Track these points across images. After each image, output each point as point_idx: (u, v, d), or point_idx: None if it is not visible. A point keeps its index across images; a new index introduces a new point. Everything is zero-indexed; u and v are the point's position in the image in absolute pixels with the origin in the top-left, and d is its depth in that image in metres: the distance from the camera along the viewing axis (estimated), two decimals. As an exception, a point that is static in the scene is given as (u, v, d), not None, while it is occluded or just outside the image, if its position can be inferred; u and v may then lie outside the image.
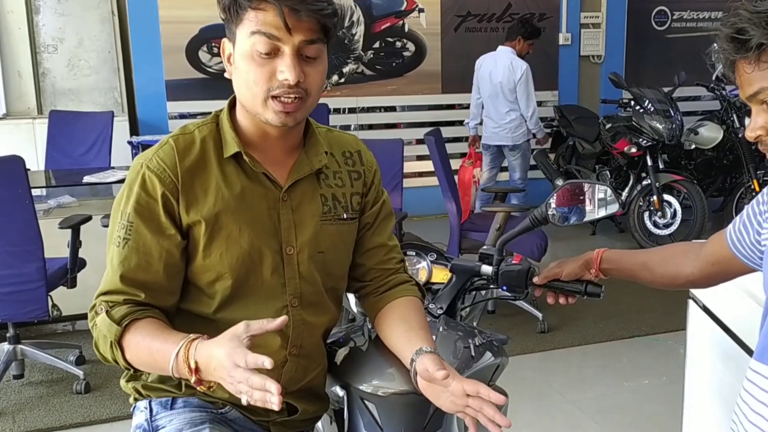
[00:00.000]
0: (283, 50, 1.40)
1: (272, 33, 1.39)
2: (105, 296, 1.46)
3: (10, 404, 3.67)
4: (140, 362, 1.43)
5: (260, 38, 1.39)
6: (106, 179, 4.70)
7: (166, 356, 1.34)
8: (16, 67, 6.34)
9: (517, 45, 5.97)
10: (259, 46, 1.40)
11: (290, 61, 1.40)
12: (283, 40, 1.39)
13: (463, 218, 4.67)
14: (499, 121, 6.09)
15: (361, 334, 1.77)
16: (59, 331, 4.56)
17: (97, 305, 1.46)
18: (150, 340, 1.40)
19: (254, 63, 1.41)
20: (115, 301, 1.45)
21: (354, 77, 7.17)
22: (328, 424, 1.79)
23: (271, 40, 1.39)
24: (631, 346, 4.37)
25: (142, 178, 1.46)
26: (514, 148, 6.13)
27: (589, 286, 1.71)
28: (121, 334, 1.42)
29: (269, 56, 1.40)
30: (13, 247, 3.48)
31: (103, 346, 1.46)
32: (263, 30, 1.39)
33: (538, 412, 3.54)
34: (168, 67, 6.62)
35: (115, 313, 1.43)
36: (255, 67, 1.41)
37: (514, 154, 6.17)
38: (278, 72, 1.40)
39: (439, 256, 1.98)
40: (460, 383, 1.38)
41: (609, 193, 1.76)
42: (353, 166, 1.66)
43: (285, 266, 1.54)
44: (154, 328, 1.42)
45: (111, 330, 1.42)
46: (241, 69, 1.44)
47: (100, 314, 1.45)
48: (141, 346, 1.41)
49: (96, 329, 1.46)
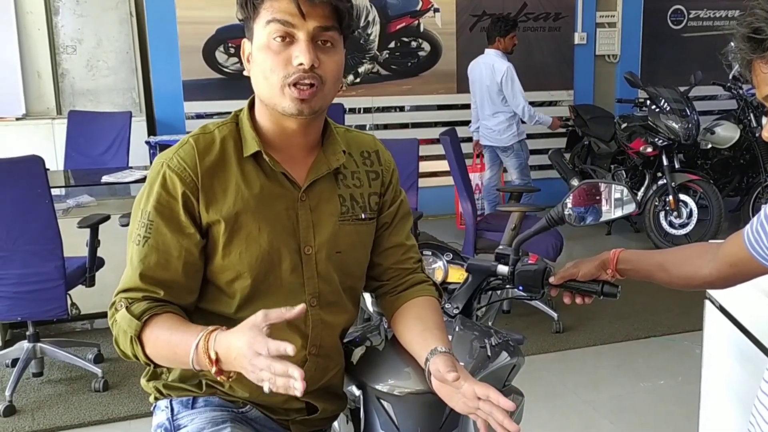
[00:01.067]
0: (298, 36, 1.42)
1: (287, 20, 1.41)
2: (124, 293, 1.48)
3: (30, 402, 3.70)
4: (160, 357, 1.44)
5: (275, 25, 1.42)
6: (124, 179, 4.74)
7: (186, 348, 1.35)
8: (35, 68, 6.38)
9: (499, 45, 5.93)
10: (275, 34, 1.42)
11: (304, 46, 1.42)
12: (297, 26, 1.42)
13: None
14: (489, 124, 6.09)
15: (378, 334, 1.77)
16: (78, 329, 4.60)
17: (117, 302, 1.47)
18: (169, 334, 1.41)
19: (270, 52, 1.43)
20: (134, 298, 1.46)
21: (369, 77, 7.18)
22: (345, 423, 1.79)
23: (286, 27, 1.41)
24: (647, 346, 4.36)
25: (162, 177, 1.48)
26: (505, 149, 6.12)
27: (606, 286, 1.70)
28: (141, 328, 1.43)
29: (284, 43, 1.43)
30: (33, 246, 3.51)
31: (123, 341, 1.46)
32: (278, 17, 1.41)
33: (553, 412, 3.54)
34: (185, 68, 6.65)
35: (134, 309, 1.44)
36: (271, 56, 1.43)
37: (506, 155, 6.16)
38: (293, 57, 1.42)
39: (455, 255, 1.98)
40: (471, 385, 1.39)
41: (625, 192, 1.75)
42: (371, 166, 1.67)
43: (303, 266, 1.55)
44: (173, 323, 1.44)
45: (131, 325, 1.43)
46: (258, 60, 1.46)
47: (120, 310, 1.46)
48: (161, 340, 1.42)
49: (116, 325, 1.47)
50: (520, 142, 6.08)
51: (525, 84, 6.02)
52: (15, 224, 3.46)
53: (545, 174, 7.50)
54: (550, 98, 7.86)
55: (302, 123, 1.51)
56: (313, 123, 1.54)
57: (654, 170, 6.37)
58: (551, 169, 7.12)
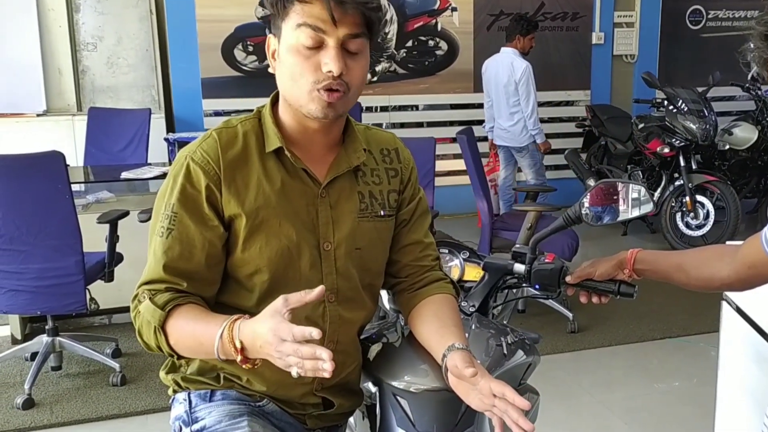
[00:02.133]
0: (328, 43, 1.42)
1: (318, 25, 1.41)
2: (147, 285, 1.48)
3: (48, 395, 3.74)
4: (184, 347, 1.45)
5: (306, 30, 1.42)
6: (143, 175, 4.77)
7: (210, 338, 1.36)
8: (56, 65, 6.43)
9: (518, 44, 5.94)
10: (305, 39, 1.42)
11: (334, 53, 1.42)
12: (328, 33, 1.42)
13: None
14: (504, 123, 6.09)
15: (395, 331, 1.77)
16: (96, 324, 4.64)
17: (140, 294, 1.48)
18: (193, 324, 1.41)
19: (300, 56, 1.43)
20: (157, 289, 1.47)
21: (387, 76, 7.20)
22: (361, 419, 1.80)
23: (317, 33, 1.41)
24: (662, 347, 4.35)
25: (186, 170, 1.49)
26: (521, 149, 6.12)
27: (623, 285, 1.69)
28: (164, 319, 1.43)
29: (314, 49, 1.43)
30: (53, 240, 3.53)
31: (146, 332, 1.47)
32: (309, 22, 1.41)
33: (568, 412, 3.55)
34: (204, 65, 6.70)
35: (158, 300, 1.45)
36: (301, 60, 1.43)
37: (521, 155, 6.16)
38: (323, 64, 1.42)
39: (471, 254, 1.97)
40: (487, 382, 1.39)
41: (643, 192, 1.74)
42: (390, 164, 1.67)
43: (322, 262, 1.56)
44: (196, 313, 1.44)
45: (155, 315, 1.43)
46: (286, 62, 1.46)
47: (143, 302, 1.46)
48: (185, 330, 1.43)
49: (139, 317, 1.48)
50: (535, 142, 6.07)
51: (542, 84, 6.03)
52: (36, 219, 3.49)
53: (561, 174, 7.50)
54: (567, 98, 7.86)
55: (325, 123, 1.52)
56: (335, 122, 1.55)
57: (671, 171, 6.35)
58: (567, 169, 7.13)
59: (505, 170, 6.40)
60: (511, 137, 6.09)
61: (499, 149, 6.38)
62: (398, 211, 1.68)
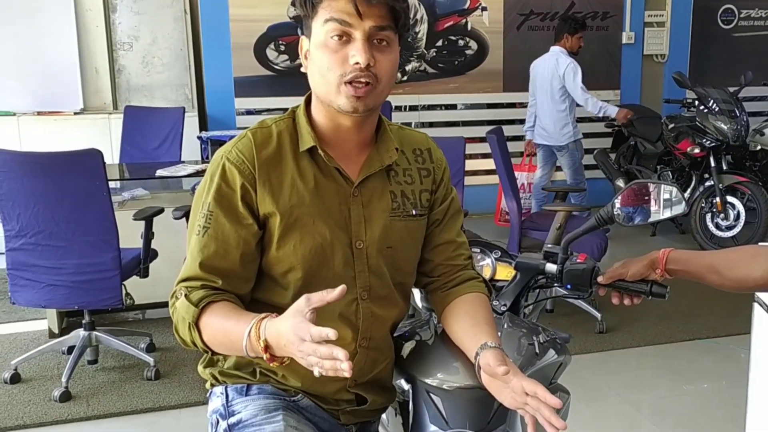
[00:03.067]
0: (355, 35, 1.45)
1: (344, 19, 1.44)
2: (184, 282, 1.52)
3: (85, 388, 3.79)
4: (217, 343, 1.47)
5: (333, 25, 1.45)
6: (177, 173, 4.81)
7: (239, 336, 1.38)
8: (93, 64, 6.51)
9: (566, 43, 6.03)
10: (332, 33, 1.45)
11: (361, 45, 1.44)
12: (354, 26, 1.44)
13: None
14: (546, 122, 6.15)
15: (428, 329, 1.78)
16: (130, 319, 4.69)
17: (177, 291, 1.51)
18: (224, 321, 1.44)
19: (328, 50, 1.46)
20: (193, 287, 1.50)
21: (416, 75, 7.22)
22: (393, 416, 1.81)
23: (343, 26, 1.44)
24: (691, 348, 4.33)
25: (222, 169, 1.52)
26: (561, 148, 6.18)
27: (654, 286, 1.68)
28: (198, 315, 1.46)
29: (342, 41, 1.45)
30: (91, 237, 3.57)
31: (182, 328, 1.50)
32: (335, 16, 1.44)
33: (596, 412, 3.54)
34: (236, 65, 6.75)
35: (193, 297, 1.48)
36: (329, 54, 1.46)
37: (561, 154, 6.22)
38: (350, 56, 1.45)
39: (503, 253, 1.97)
40: (519, 381, 1.40)
41: (675, 193, 1.74)
42: (423, 164, 1.69)
43: (355, 260, 1.58)
44: (228, 310, 1.47)
45: (189, 312, 1.47)
46: (316, 58, 1.49)
47: (179, 299, 1.50)
48: (216, 327, 1.45)
49: (176, 313, 1.51)
50: (575, 141, 6.11)
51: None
52: (74, 215, 3.53)
53: (590, 174, 7.43)
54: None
55: (357, 120, 1.54)
56: (368, 120, 1.57)
57: (701, 171, 6.31)
58: (596, 169, 7.10)
59: (542, 170, 6.45)
60: (551, 136, 6.15)
61: (538, 148, 6.41)
62: (431, 210, 1.69)
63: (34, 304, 3.82)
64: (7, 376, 3.83)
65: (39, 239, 3.57)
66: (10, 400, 3.64)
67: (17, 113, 6.21)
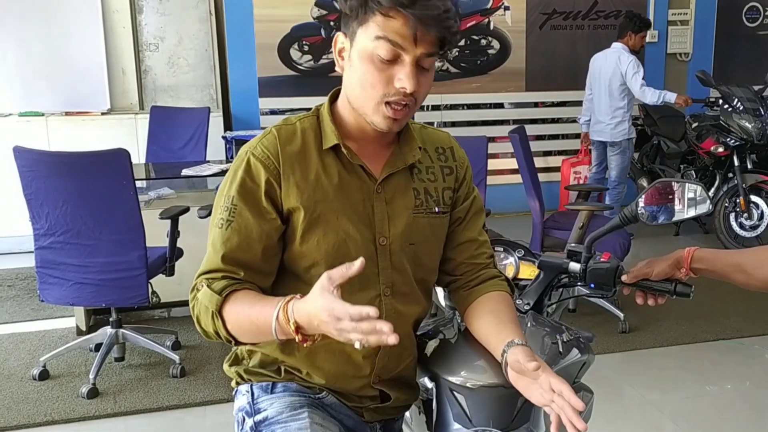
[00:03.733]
0: (404, 59, 1.44)
1: (397, 41, 1.43)
2: (206, 275, 1.52)
3: (112, 385, 3.83)
4: (242, 332, 1.46)
5: (384, 44, 1.43)
6: (202, 172, 4.84)
7: (266, 321, 1.37)
8: (120, 65, 6.57)
9: (629, 41, 6.06)
10: (382, 52, 1.44)
11: (410, 71, 1.44)
12: (406, 50, 1.43)
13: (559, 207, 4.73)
14: (602, 117, 6.19)
15: (451, 327, 1.77)
16: (156, 317, 4.73)
17: (198, 283, 1.52)
18: (249, 309, 1.43)
19: (373, 66, 1.45)
20: (215, 278, 1.50)
21: (439, 75, 7.21)
22: (417, 414, 1.81)
23: (395, 48, 1.43)
24: (715, 349, 4.31)
25: (246, 164, 1.53)
26: (614, 144, 6.21)
27: (679, 285, 1.68)
28: (221, 303, 1.46)
29: (389, 62, 1.45)
30: (118, 235, 3.60)
31: (204, 319, 1.49)
32: (389, 37, 1.43)
33: (618, 412, 3.54)
34: (260, 65, 6.79)
35: (215, 286, 1.48)
36: (373, 71, 1.46)
37: (613, 150, 6.23)
38: (396, 79, 1.45)
39: (526, 252, 1.97)
40: (548, 377, 1.41)
41: (699, 192, 1.74)
42: (446, 162, 1.70)
43: (378, 256, 1.58)
44: (250, 297, 1.47)
45: (212, 300, 1.46)
46: (358, 69, 1.48)
47: (201, 289, 1.49)
48: (241, 315, 1.44)
49: (197, 305, 1.50)
50: (629, 140, 6.14)
51: (595, 82, 6.02)
52: (102, 214, 3.56)
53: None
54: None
55: None
56: None
57: (725, 170, 6.28)
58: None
59: (597, 166, 6.50)
60: (608, 131, 6.18)
61: (593, 144, 6.45)
62: (453, 209, 1.70)
63: (62, 302, 3.85)
64: (36, 372, 3.87)
65: (67, 238, 3.60)
66: (38, 397, 3.69)
67: (46, 113, 6.27)
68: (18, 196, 3.66)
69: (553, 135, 7.82)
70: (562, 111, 7.70)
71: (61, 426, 3.48)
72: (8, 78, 6.31)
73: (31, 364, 4.02)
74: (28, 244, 4.01)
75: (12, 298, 5.19)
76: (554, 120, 7.80)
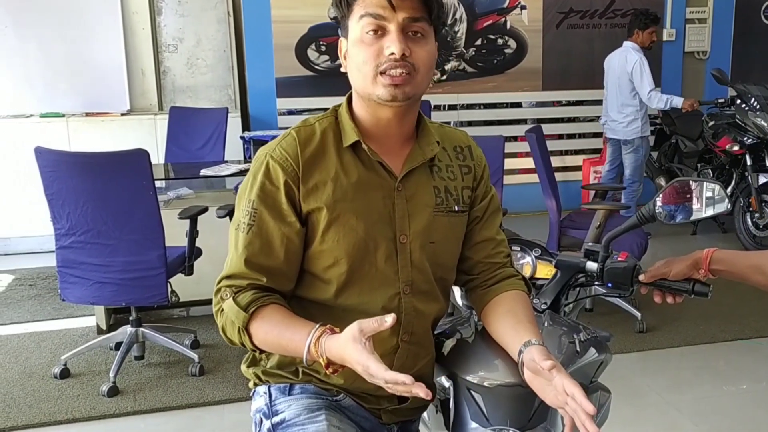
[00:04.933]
0: (389, 28, 1.49)
1: (378, 13, 1.48)
2: (229, 280, 1.54)
3: (132, 383, 3.86)
4: (270, 349, 1.54)
5: (367, 20, 1.49)
6: (221, 172, 4.86)
7: (297, 349, 1.44)
8: (139, 66, 6.61)
9: (637, 38, 6.08)
10: (367, 27, 1.49)
11: (395, 36, 1.48)
12: (388, 19, 1.48)
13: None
14: (615, 116, 6.21)
15: (468, 326, 1.77)
16: (175, 316, 4.76)
17: (222, 290, 1.54)
18: (278, 332, 1.48)
19: (363, 45, 1.50)
20: (239, 286, 1.52)
21: (455, 74, 7.22)
22: (434, 413, 1.81)
23: (378, 20, 1.48)
24: (732, 349, 4.29)
25: (266, 167, 1.55)
26: (627, 142, 6.23)
27: (697, 285, 1.68)
28: (248, 321, 1.49)
29: (377, 36, 1.49)
30: (138, 235, 3.63)
31: (230, 331, 1.53)
32: (370, 11, 1.49)
33: (635, 412, 3.54)
34: (278, 65, 6.81)
35: (241, 300, 1.50)
36: (364, 48, 1.50)
37: (626, 149, 6.26)
38: (385, 48, 1.49)
39: (543, 251, 1.97)
40: (561, 379, 1.39)
41: (717, 191, 1.73)
42: (464, 161, 1.70)
43: (398, 254, 1.59)
44: (279, 318, 1.50)
45: (239, 317, 1.50)
46: (353, 55, 1.53)
47: (226, 300, 1.52)
48: (270, 337, 1.49)
49: (223, 315, 1.53)
50: (642, 138, 6.15)
51: (612, 82, 6.01)
52: (122, 214, 3.59)
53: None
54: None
55: (397, 112, 1.56)
56: (408, 113, 1.59)
57: (741, 169, 6.24)
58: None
59: (610, 164, 6.53)
60: (621, 129, 6.21)
61: (609, 143, 6.48)
62: (471, 208, 1.70)
63: (83, 301, 3.89)
64: (57, 371, 3.91)
65: (88, 237, 3.63)
66: (59, 395, 3.73)
67: (66, 114, 6.33)
68: (39, 196, 3.70)
69: (570, 134, 7.79)
70: (579, 110, 7.68)
71: (82, 424, 3.51)
72: (30, 80, 6.38)
73: (52, 363, 4.06)
74: (49, 244, 4.07)
75: (33, 297, 5.24)
76: (571, 119, 7.77)
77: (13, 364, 4.13)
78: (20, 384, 3.86)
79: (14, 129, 6.17)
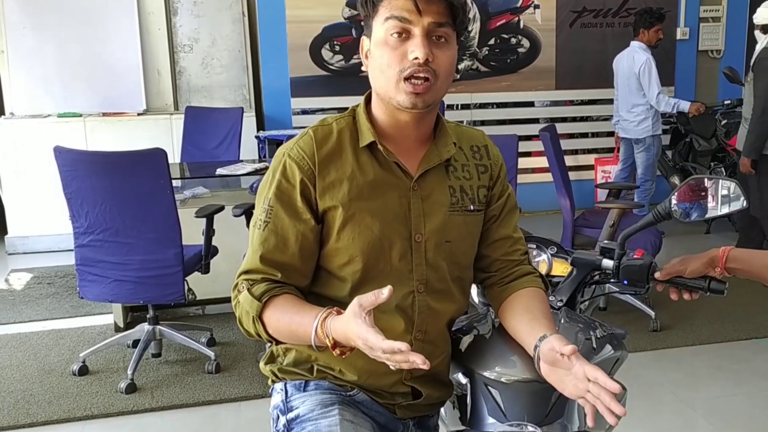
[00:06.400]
0: (414, 32, 1.49)
1: (404, 16, 1.49)
2: (246, 275, 1.58)
3: (149, 380, 3.90)
4: (282, 336, 1.55)
5: (393, 22, 1.50)
6: (236, 172, 4.89)
7: (305, 332, 1.46)
8: (155, 66, 6.66)
9: (643, 37, 6.09)
10: (392, 30, 1.50)
11: (420, 41, 1.49)
12: (413, 23, 1.49)
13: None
14: (626, 115, 6.24)
15: (485, 323, 1.78)
16: (191, 314, 4.79)
17: (239, 284, 1.58)
18: (288, 317, 1.51)
19: (387, 47, 1.51)
20: (254, 280, 1.56)
21: (469, 74, 7.23)
22: (451, 409, 1.81)
23: (403, 23, 1.49)
24: (747, 348, 4.29)
25: (283, 166, 1.58)
26: (638, 141, 6.26)
27: (713, 282, 1.67)
28: (261, 309, 1.53)
29: (401, 39, 1.50)
30: (155, 233, 3.66)
31: (246, 321, 1.57)
32: (395, 14, 1.50)
33: (650, 410, 3.54)
34: (292, 65, 6.84)
35: (255, 291, 1.54)
36: (388, 51, 1.51)
37: (638, 148, 6.28)
38: (409, 52, 1.49)
39: (559, 249, 1.97)
40: (582, 366, 1.40)
41: (734, 188, 1.72)
42: (480, 160, 1.71)
43: (413, 253, 1.60)
44: (290, 305, 1.53)
45: (253, 306, 1.53)
46: (376, 56, 1.54)
47: (242, 292, 1.56)
48: (281, 323, 1.52)
49: (239, 306, 1.58)
50: (653, 136, 6.17)
51: (625, 81, 6.01)
52: (139, 213, 3.62)
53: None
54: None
55: (416, 116, 1.57)
56: (426, 116, 1.61)
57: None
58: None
59: (622, 163, 6.56)
60: (631, 128, 6.23)
61: (621, 142, 6.51)
62: (487, 206, 1.71)
63: (101, 299, 3.93)
64: (76, 368, 3.96)
65: (106, 236, 3.67)
66: (78, 392, 3.77)
67: (83, 114, 6.38)
68: (58, 195, 3.74)
69: (584, 133, 7.78)
70: (593, 109, 7.67)
71: (100, 420, 3.55)
72: (48, 80, 6.43)
73: (71, 360, 4.10)
74: (67, 243, 4.11)
75: (52, 295, 5.29)
76: (584, 118, 7.77)
77: (32, 361, 4.17)
78: (39, 381, 3.91)
79: (32, 129, 6.23)
